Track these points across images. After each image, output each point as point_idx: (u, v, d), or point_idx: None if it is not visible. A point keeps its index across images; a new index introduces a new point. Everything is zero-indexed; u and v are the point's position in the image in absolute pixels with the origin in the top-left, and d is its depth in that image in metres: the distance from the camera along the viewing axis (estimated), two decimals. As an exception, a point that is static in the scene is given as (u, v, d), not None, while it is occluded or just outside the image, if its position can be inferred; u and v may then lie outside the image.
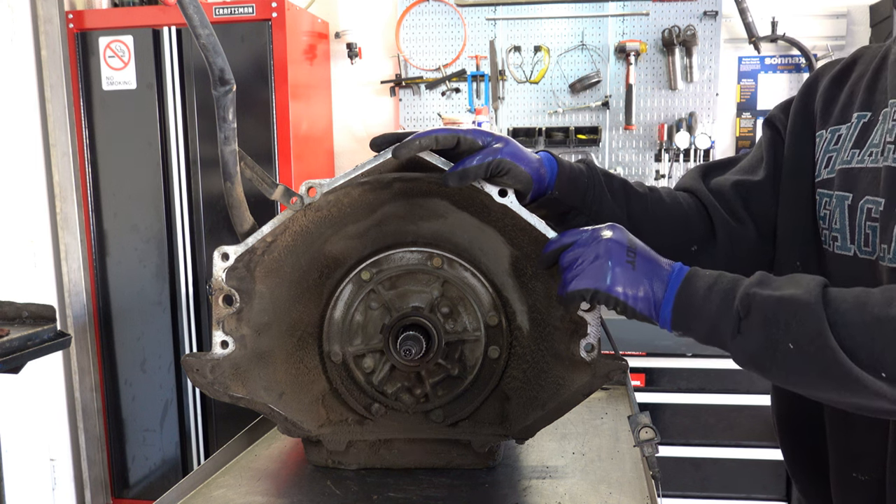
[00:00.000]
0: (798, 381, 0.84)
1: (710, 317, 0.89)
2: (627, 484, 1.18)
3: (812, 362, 0.81)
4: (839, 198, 1.03)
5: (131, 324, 3.16)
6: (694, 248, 1.18)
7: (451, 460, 1.24)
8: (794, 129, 1.16)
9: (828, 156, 1.08)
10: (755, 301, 0.85)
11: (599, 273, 0.94)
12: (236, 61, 2.88)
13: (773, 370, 0.85)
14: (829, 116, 1.12)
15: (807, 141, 1.14)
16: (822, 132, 1.11)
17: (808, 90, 1.18)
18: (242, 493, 1.18)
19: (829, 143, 1.09)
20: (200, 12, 0.96)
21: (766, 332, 0.84)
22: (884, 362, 0.77)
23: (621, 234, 0.98)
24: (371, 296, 1.23)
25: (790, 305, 0.82)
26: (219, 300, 1.09)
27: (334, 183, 1.08)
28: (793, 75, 3.43)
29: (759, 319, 0.84)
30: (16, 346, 1.85)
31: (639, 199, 1.18)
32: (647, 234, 1.15)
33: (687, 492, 2.91)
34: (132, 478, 3.26)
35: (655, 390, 2.85)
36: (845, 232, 1.02)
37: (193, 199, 3.05)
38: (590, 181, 1.14)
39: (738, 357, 0.88)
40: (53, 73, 2.98)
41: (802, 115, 1.17)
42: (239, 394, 1.12)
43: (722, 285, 0.89)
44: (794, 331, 0.81)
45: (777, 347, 0.82)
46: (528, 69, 3.51)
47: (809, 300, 0.81)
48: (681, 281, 0.92)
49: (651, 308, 0.94)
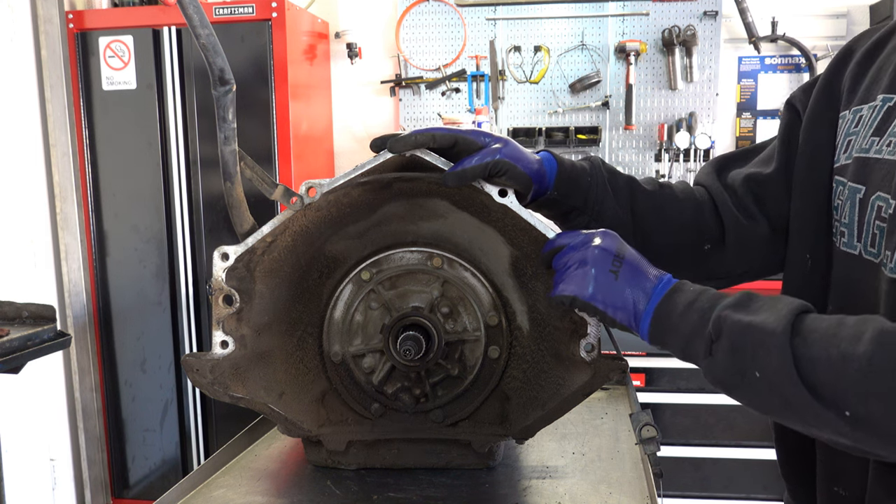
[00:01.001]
0: (765, 409, 0.82)
1: (685, 335, 0.87)
2: (627, 484, 1.18)
3: (776, 393, 0.77)
4: (851, 189, 0.94)
5: (131, 324, 3.15)
6: (707, 247, 1.14)
7: (451, 460, 1.24)
8: (815, 110, 1.05)
9: (848, 139, 0.97)
10: (726, 325, 0.82)
11: (581, 281, 0.94)
12: (236, 61, 2.88)
13: (739, 395, 0.83)
14: (854, 95, 1.00)
15: (827, 123, 1.03)
16: (846, 112, 1.00)
17: (838, 65, 1.06)
18: (242, 493, 1.18)
19: (850, 125, 0.98)
20: (200, 12, 0.96)
21: (733, 358, 0.81)
22: (846, 402, 0.72)
23: (611, 241, 0.96)
24: (371, 296, 1.23)
25: (758, 333, 0.79)
26: (219, 300, 1.09)
27: (334, 183, 1.08)
28: (793, 75, 3.43)
29: (727, 344, 0.82)
30: (16, 346, 1.85)
31: (646, 197, 1.15)
32: (654, 233, 1.14)
33: (687, 492, 2.91)
34: (132, 478, 3.26)
35: (655, 390, 2.85)
36: (853, 228, 0.93)
37: (193, 199, 3.05)
38: (592, 180, 1.12)
39: (708, 377, 0.86)
40: (53, 73, 2.98)
41: (826, 93, 1.05)
42: (239, 394, 1.12)
43: (701, 303, 0.87)
44: (761, 359, 0.78)
45: (745, 374, 0.80)
46: (528, 69, 3.51)
47: (776, 329, 0.77)
48: (663, 295, 0.91)
49: (631, 319, 0.92)
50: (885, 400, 0.70)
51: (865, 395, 0.71)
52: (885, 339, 0.71)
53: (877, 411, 0.71)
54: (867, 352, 0.71)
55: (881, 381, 0.70)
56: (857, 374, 0.71)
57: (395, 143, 1.04)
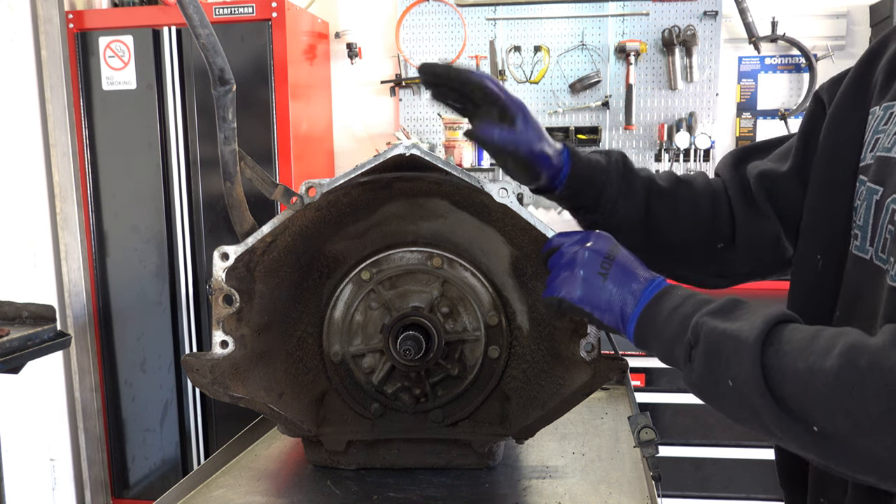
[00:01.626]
0: (738, 419, 0.80)
1: (667, 340, 0.86)
2: (627, 484, 1.18)
3: (746, 403, 0.76)
4: (869, 190, 0.89)
5: (131, 324, 3.15)
6: (720, 245, 1.12)
7: (451, 460, 1.24)
8: (842, 103, 0.99)
9: (876, 137, 0.91)
10: (703, 331, 0.81)
11: (570, 283, 0.94)
12: (236, 61, 2.88)
13: (716, 403, 0.82)
14: (887, 91, 0.93)
15: (854, 119, 0.96)
16: (876, 109, 0.93)
17: (870, 58, 0.98)
18: (242, 493, 1.18)
19: (879, 122, 0.91)
20: (200, 12, 0.96)
21: (709, 366, 0.80)
22: (814, 416, 0.70)
23: (603, 242, 0.96)
24: (371, 296, 1.23)
25: (731, 341, 0.77)
26: (219, 300, 1.09)
27: (334, 183, 1.08)
28: (793, 75, 3.43)
29: (703, 351, 0.81)
30: (16, 346, 1.85)
31: (662, 199, 1.12)
32: (667, 232, 1.12)
33: (687, 492, 2.91)
34: (132, 478, 3.26)
35: (655, 390, 2.85)
36: (867, 231, 0.89)
37: (193, 199, 3.05)
38: (607, 178, 1.08)
39: (687, 384, 0.85)
40: (53, 73, 2.98)
41: (856, 87, 0.98)
42: (239, 394, 1.12)
43: (685, 309, 0.86)
44: (733, 368, 0.76)
45: (719, 382, 0.78)
46: (528, 69, 3.51)
47: (749, 338, 0.75)
48: (650, 298, 0.90)
49: (618, 321, 0.92)
50: (851, 416, 0.67)
51: (832, 411, 0.69)
52: (853, 354, 0.68)
53: (844, 428, 0.68)
54: (834, 366, 0.68)
55: (847, 397, 0.67)
56: (824, 389, 0.69)
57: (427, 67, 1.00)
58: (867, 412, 0.66)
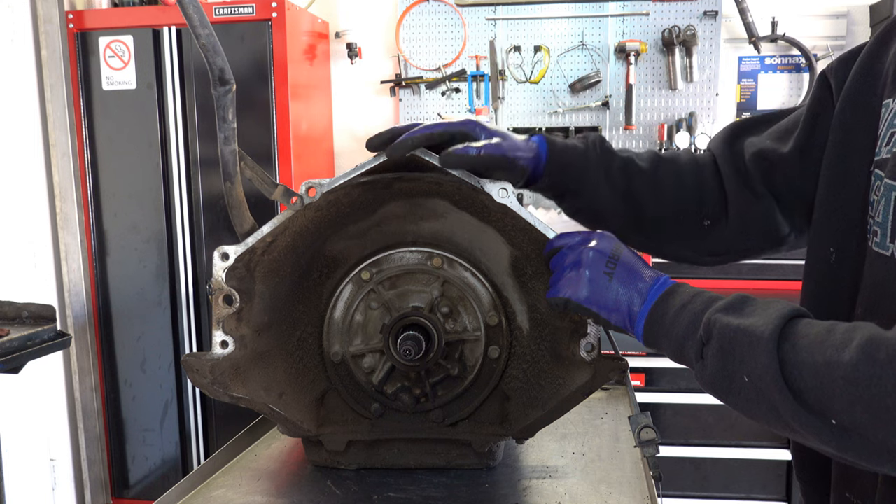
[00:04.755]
0: (754, 415, 0.80)
1: (678, 338, 0.86)
2: (627, 484, 1.18)
3: (763, 399, 0.76)
4: (888, 186, 0.86)
5: (131, 324, 3.15)
6: (706, 222, 1.12)
7: (451, 460, 1.24)
8: (852, 91, 0.96)
9: (891, 130, 0.88)
10: (716, 328, 0.81)
11: (575, 283, 0.94)
12: (236, 61, 2.88)
13: (730, 400, 0.82)
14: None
15: (866, 109, 0.93)
16: (889, 101, 0.90)
17: (880, 45, 0.95)
18: (242, 493, 1.18)
19: (894, 116, 0.89)
20: (200, 12, 0.96)
21: (723, 362, 0.80)
22: (832, 409, 0.70)
23: (607, 242, 0.96)
24: (371, 296, 1.23)
25: (746, 336, 0.77)
26: (219, 300, 1.09)
27: (334, 183, 1.08)
28: (793, 75, 3.43)
29: (717, 348, 0.81)
30: (16, 346, 1.85)
31: (644, 175, 1.12)
32: (653, 210, 1.12)
33: (687, 492, 2.91)
34: (132, 478, 3.26)
35: (655, 390, 2.85)
36: (886, 227, 0.86)
37: (193, 199, 3.05)
38: (587, 163, 1.11)
39: (700, 381, 0.85)
40: (53, 73, 2.98)
41: (867, 75, 0.95)
42: (239, 394, 1.12)
43: (694, 306, 0.86)
44: (749, 364, 0.76)
45: (733, 378, 0.79)
46: (528, 69, 3.51)
47: (764, 333, 0.76)
48: (658, 296, 0.90)
49: (626, 321, 0.92)
50: (870, 409, 0.68)
51: (851, 403, 0.69)
52: (871, 347, 0.69)
53: (862, 420, 0.69)
54: (852, 359, 0.69)
55: (866, 389, 0.68)
56: (842, 382, 0.69)
57: (393, 150, 1.05)
58: (886, 404, 0.67)
